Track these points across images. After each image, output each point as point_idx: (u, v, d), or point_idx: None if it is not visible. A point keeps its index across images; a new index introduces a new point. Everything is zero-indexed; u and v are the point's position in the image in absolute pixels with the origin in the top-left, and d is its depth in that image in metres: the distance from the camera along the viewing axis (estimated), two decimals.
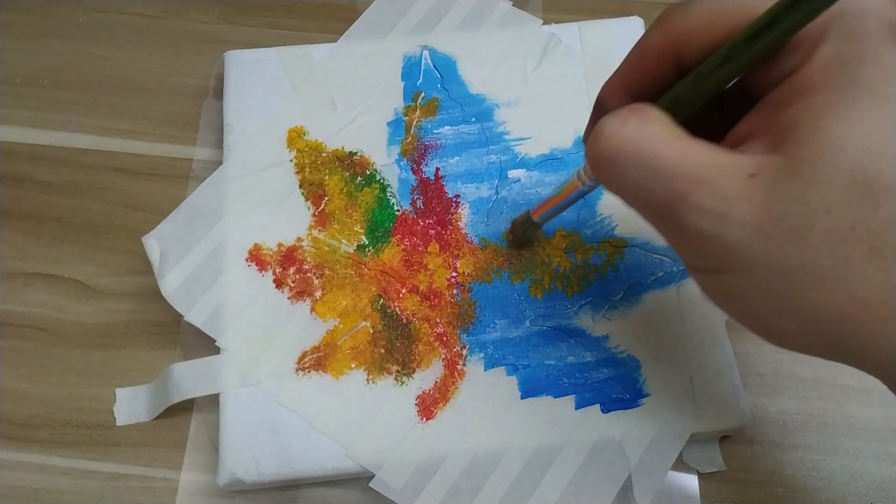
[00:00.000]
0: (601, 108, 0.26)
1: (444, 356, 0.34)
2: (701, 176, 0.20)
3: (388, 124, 0.39)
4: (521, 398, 0.33)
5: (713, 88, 0.23)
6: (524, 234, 0.35)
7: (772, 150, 0.20)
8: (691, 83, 0.23)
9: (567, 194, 0.30)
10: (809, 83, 0.20)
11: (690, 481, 0.33)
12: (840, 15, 0.20)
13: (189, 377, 0.34)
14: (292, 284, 0.35)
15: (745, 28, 0.21)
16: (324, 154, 0.38)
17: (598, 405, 0.33)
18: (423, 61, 0.41)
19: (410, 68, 0.41)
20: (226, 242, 0.36)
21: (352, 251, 0.36)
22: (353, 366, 0.34)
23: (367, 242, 0.36)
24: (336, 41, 0.42)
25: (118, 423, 0.35)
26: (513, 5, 0.43)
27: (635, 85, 0.25)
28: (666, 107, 0.23)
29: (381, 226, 0.37)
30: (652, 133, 0.22)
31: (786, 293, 0.20)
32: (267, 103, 0.39)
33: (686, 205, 0.21)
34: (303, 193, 0.38)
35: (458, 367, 0.34)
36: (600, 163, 0.23)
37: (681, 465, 0.33)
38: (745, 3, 0.21)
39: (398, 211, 0.37)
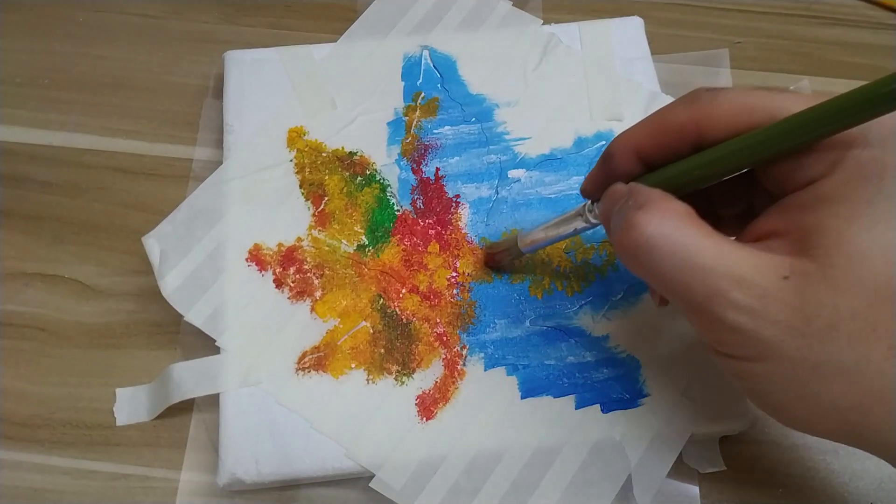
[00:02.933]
0: (609, 162, 0.27)
1: (444, 356, 0.34)
2: (738, 274, 0.22)
3: (388, 124, 0.39)
4: (521, 398, 0.33)
5: (723, 173, 0.24)
6: (509, 260, 0.35)
7: (799, 253, 0.22)
8: (704, 163, 0.24)
9: (565, 231, 0.30)
10: (834, 193, 0.22)
11: (690, 481, 0.33)
12: (865, 130, 0.22)
13: (189, 377, 0.33)
14: (292, 284, 0.35)
15: (770, 125, 0.22)
16: (324, 154, 0.38)
17: (598, 405, 0.33)
18: (423, 61, 0.41)
19: (410, 68, 0.41)
20: (226, 242, 0.36)
21: (352, 251, 0.36)
22: (353, 366, 0.34)
23: (367, 242, 0.36)
24: (336, 41, 0.42)
25: (118, 423, 0.35)
26: (513, 5, 0.43)
27: (649, 150, 0.26)
28: (672, 179, 0.25)
29: (381, 226, 0.37)
30: (687, 229, 0.23)
31: (810, 383, 0.22)
32: (267, 103, 0.39)
33: (724, 300, 0.22)
34: (303, 193, 0.38)
35: (458, 367, 0.34)
36: (637, 254, 0.24)
37: (681, 465, 0.33)
38: (774, 104, 0.23)
39: (398, 211, 0.37)
